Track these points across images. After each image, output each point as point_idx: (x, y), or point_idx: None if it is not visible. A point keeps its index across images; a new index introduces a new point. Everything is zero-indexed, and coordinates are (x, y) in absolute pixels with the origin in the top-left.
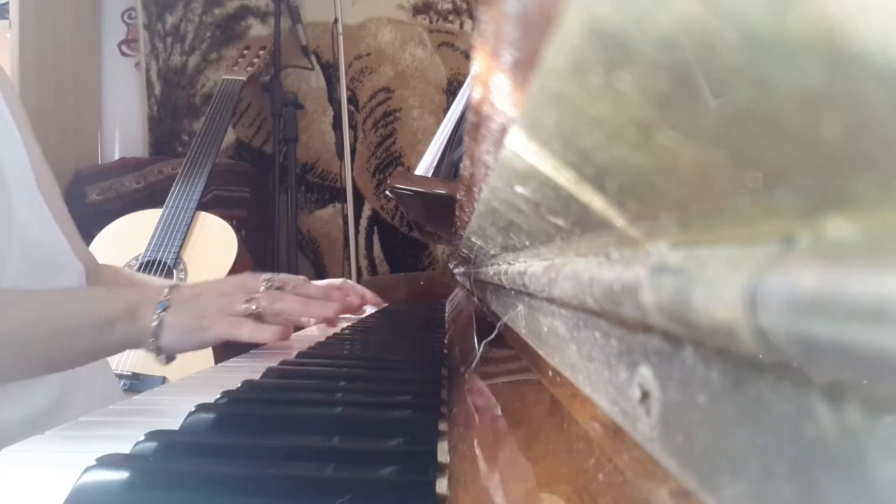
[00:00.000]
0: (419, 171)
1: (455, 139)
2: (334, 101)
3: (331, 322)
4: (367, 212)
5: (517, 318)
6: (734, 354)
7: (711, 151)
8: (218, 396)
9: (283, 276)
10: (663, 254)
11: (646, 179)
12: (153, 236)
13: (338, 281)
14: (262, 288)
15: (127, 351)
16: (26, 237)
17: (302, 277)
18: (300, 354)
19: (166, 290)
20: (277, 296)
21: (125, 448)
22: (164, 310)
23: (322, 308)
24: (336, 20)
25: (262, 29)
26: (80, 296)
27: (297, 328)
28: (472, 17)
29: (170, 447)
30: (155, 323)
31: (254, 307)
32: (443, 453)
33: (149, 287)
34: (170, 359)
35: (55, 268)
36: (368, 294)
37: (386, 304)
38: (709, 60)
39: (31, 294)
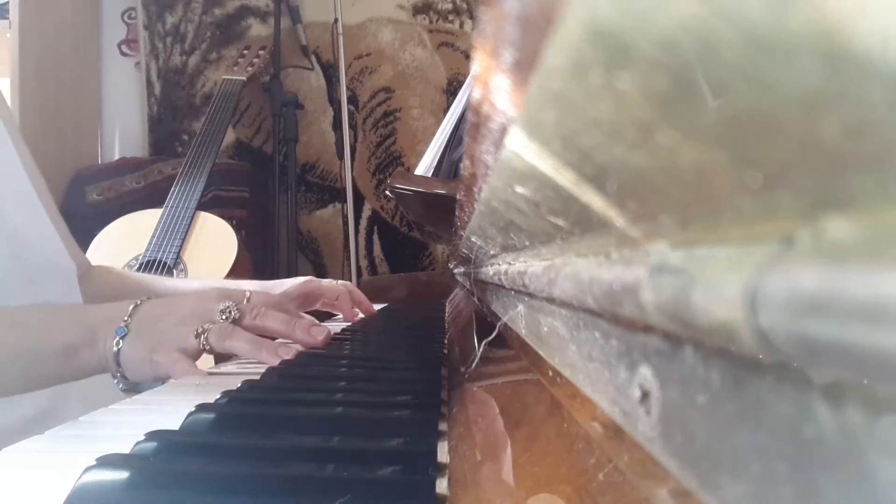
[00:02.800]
0: (419, 171)
1: (455, 139)
2: (334, 101)
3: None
4: (367, 212)
5: (517, 318)
6: (734, 354)
7: (711, 151)
8: (218, 396)
9: (254, 297)
10: (663, 254)
11: (646, 179)
12: (153, 236)
13: (301, 279)
14: (220, 316)
15: None
16: (13, 232)
17: (273, 298)
18: (300, 355)
19: (130, 309)
20: (228, 334)
21: (125, 448)
22: (123, 338)
23: (272, 356)
24: (336, 20)
25: (262, 29)
26: (42, 318)
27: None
28: (472, 17)
29: (170, 447)
30: (115, 350)
31: (203, 342)
32: (443, 453)
33: (114, 305)
34: (133, 386)
35: (46, 266)
36: (363, 305)
37: (384, 304)
38: (709, 60)
39: None
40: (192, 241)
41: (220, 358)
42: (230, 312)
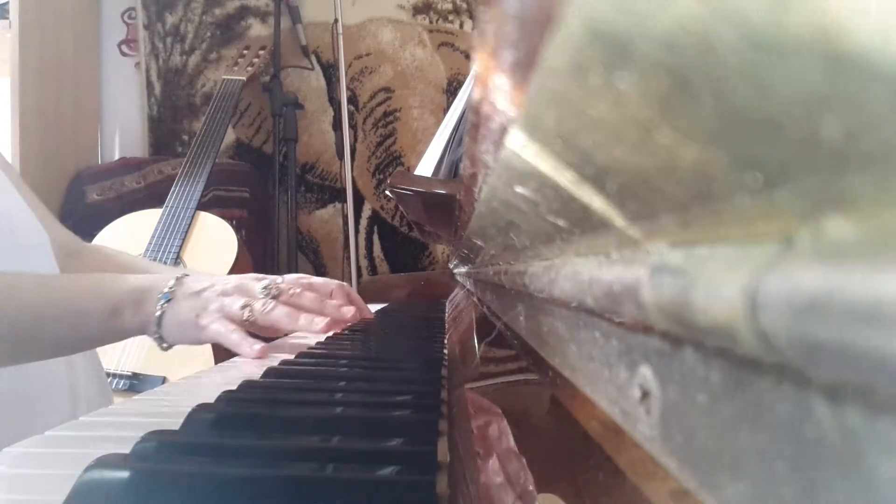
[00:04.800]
0: (419, 171)
1: (455, 139)
2: (334, 101)
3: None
4: (367, 212)
5: (517, 318)
6: (734, 354)
7: (711, 151)
8: (218, 396)
9: (287, 278)
10: (663, 254)
11: (646, 179)
12: (153, 236)
13: (333, 282)
14: (260, 293)
15: (127, 351)
16: None
17: (304, 280)
18: (300, 354)
19: (172, 282)
20: (270, 308)
21: (125, 448)
22: (167, 301)
23: (310, 324)
24: (336, 20)
25: (262, 29)
26: (89, 281)
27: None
28: (472, 17)
29: (170, 447)
30: (158, 313)
31: (247, 314)
32: (443, 453)
33: (155, 276)
34: (169, 347)
35: (11, 232)
36: (358, 306)
37: (384, 304)
38: (709, 60)
39: (39, 278)
40: (192, 241)
41: (220, 357)
42: (270, 290)
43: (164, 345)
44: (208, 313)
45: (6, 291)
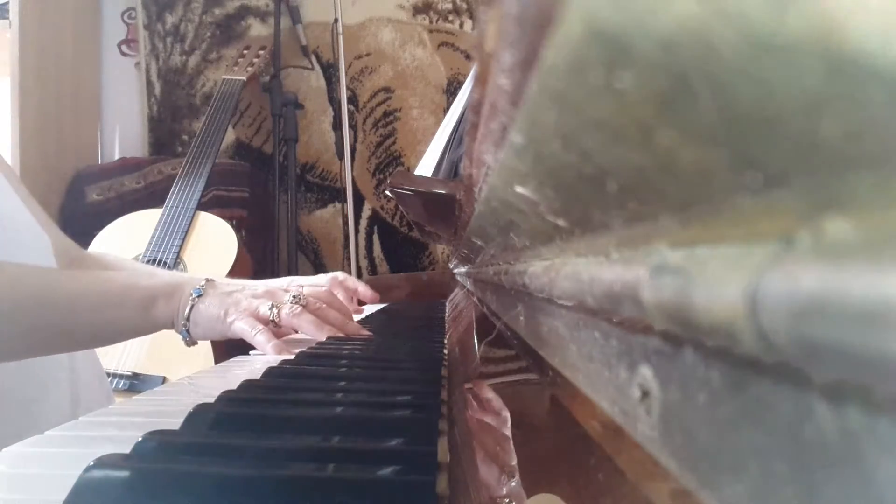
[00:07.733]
0: (419, 171)
1: (455, 139)
2: (334, 101)
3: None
4: (367, 212)
5: (517, 318)
6: (734, 354)
7: (711, 151)
8: (218, 396)
9: (307, 290)
10: (663, 254)
11: (646, 179)
12: (153, 236)
13: (286, 280)
14: (288, 301)
15: (127, 351)
16: None
17: (327, 293)
18: (300, 354)
19: (203, 281)
20: (297, 314)
21: (125, 448)
22: (199, 296)
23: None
24: (336, 20)
25: (262, 29)
26: (122, 275)
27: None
28: (472, 17)
29: (170, 447)
30: (188, 307)
31: (275, 315)
32: (443, 453)
33: (186, 274)
34: (194, 342)
35: (9, 233)
36: (361, 288)
37: (384, 304)
38: (709, 60)
39: (73, 271)
40: (192, 241)
41: (220, 358)
42: (298, 299)
43: (189, 338)
44: (236, 311)
45: (45, 283)
